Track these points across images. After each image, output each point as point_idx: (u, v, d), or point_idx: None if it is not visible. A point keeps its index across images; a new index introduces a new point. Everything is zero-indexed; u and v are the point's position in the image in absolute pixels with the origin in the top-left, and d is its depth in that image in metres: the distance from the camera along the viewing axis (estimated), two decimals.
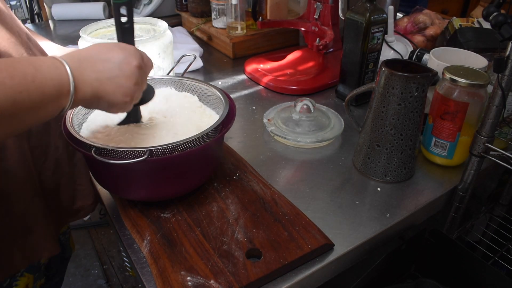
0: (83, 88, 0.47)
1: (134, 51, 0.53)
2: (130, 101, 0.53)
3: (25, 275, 0.66)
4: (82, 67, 0.47)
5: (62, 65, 0.45)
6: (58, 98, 0.45)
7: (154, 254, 0.57)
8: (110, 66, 0.49)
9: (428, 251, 0.73)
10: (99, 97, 0.49)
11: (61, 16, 1.56)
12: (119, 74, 0.50)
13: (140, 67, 0.52)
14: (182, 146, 0.58)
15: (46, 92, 0.43)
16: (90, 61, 0.48)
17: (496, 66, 0.59)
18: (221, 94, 0.70)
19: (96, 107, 0.53)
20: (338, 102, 1.02)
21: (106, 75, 0.49)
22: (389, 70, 0.67)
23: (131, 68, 0.51)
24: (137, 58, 0.52)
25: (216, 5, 1.25)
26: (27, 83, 0.41)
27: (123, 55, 0.51)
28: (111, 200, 0.69)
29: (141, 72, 0.52)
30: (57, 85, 0.44)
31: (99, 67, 0.49)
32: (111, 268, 1.74)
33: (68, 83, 0.45)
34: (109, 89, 0.49)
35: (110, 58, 0.50)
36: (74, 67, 0.46)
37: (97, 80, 0.48)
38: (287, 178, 0.75)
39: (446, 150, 0.76)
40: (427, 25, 1.16)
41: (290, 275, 0.57)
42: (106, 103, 0.51)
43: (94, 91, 0.48)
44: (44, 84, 0.43)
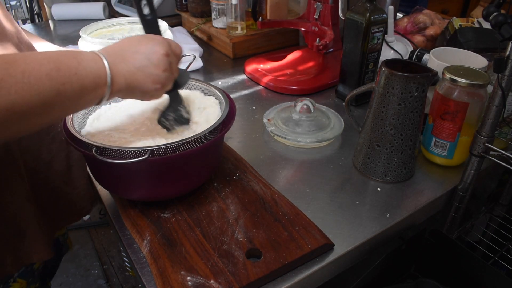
0: (118, 80, 0.51)
1: (160, 40, 0.56)
2: (161, 88, 0.56)
3: (18, 281, 0.66)
4: (117, 61, 0.51)
5: (101, 60, 0.49)
6: (96, 89, 0.49)
7: (154, 254, 0.57)
8: (139, 57, 0.53)
9: (428, 251, 0.73)
10: (132, 87, 0.53)
11: (61, 16, 1.56)
12: (147, 64, 0.53)
13: (167, 55, 0.55)
14: (182, 146, 0.58)
15: (86, 84, 0.47)
16: (122, 55, 0.52)
17: (496, 66, 0.59)
18: (221, 94, 0.70)
19: (131, 96, 0.56)
20: (338, 102, 1.02)
21: (136, 66, 0.52)
22: (389, 70, 0.67)
23: (159, 57, 0.54)
24: (164, 46, 0.55)
25: (216, 5, 1.25)
26: (70, 75, 0.45)
27: (151, 46, 0.54)
28: (111, 200, 0.69)
29: (169, 59, 0.55)
30: (96, 77, 0.48)
31: (130, 59, 0.52)
32: (111, 268, 1.74)
33: (105, 76, 0.49)
34: (140, 78, 0.53)
35: (139, 49, 0.53)
36: (110, 61, 0.50)
37: (128, 71, 0.52)
38: (287, 178, 0.75)
39: (446, 150, 0.76)
40: (427, 25, 1.16)
41: (290, 275, 0.57)
42: (139, 91, 0.55)
43: (127, 82, 0.52)
44: (84, 77, 0.47)
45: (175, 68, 0.58)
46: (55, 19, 1.57)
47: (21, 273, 0.66)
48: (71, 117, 0.62)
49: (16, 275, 0.66)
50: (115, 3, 1.51)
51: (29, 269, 0.68)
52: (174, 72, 0.58)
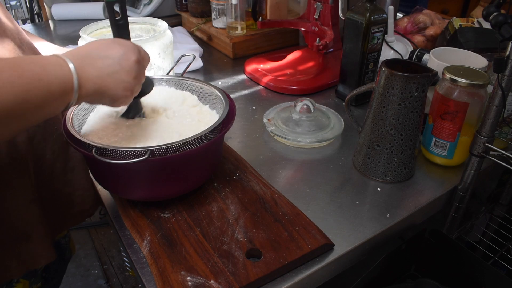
0: (86, 85, 0.48)
1: (132, 46, 0.54)
2: (131, 95, 0.55)
3: (21, 281, 0.66)
4: (84, 65, 0.49)
5: (66, 64, 0.47)
6: (63, 95, 0.46)
7: (154, 254, 0.57)
8: (110, 62, 0.51)
9: (428, 251, 0.73)
10: (101, 93, 0.51)
11: (61, 16, 1.56)
12: (119, 70, 0.51)
13: (138, 62, 0.54)
14: (182, 146, 0.58)
15: (52, 90, 0.45)
16: (90, 59, 0.50)
17: (496, 66, 0.59)
18: (221, 94, 0.70)
19: (99, 102, 0.54)
20: (338, 102, 1.02)
21: (106, 71, 0.50)
22: (389, 70, 0.67)
23: (130, 63, 0.53)
24: (135, 53, 0.54)
25: (216, 5, 1.25)
26: (34, 82, 0.43)
27: (122, 51, 0.52)
28: (111, 200, 0.69)
29: (139, 66, 0.54)
30: (62, 83, 0.46)
31: (99, 64, 0.50)
32: (111, 268, 1.74)
33: (72, 81, 0.47)
34: (110, 84, 0.51)
35: (110, 54, 0.51)
36: (77, 65, 0.47)
37: (98, 77, 0.50)
38: (287, 178, 0.75)
39: (446, 150, 0.76)
40: (427, 25, 1.16)
41: (290, 275, 0.57)
42: (108, 98, 0.53)
43: (96, 87, 0.50)
44: (50, 83, 0.44)
45: (143, 75, 0.57)
46: (55, 19, 1.57)
47: (24, 274, 0.66)
48: (71, 117, 0.62)
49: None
50: None
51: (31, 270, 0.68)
52: (142, 79, 0.57)
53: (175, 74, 0.87)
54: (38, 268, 0.69)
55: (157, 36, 0.89)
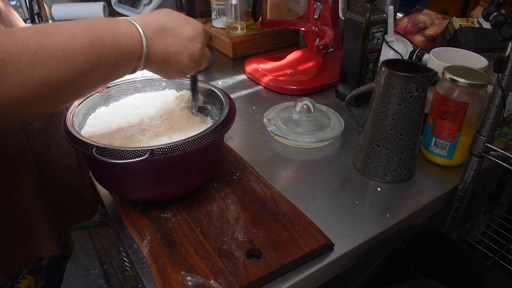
0: (152, 58, 0.51)
1: (202, 31, 0.56)
2: (184, 75, 0.58)
3: (27, 277, 0.66)
4: (155, 38, 0.50)
5: (138, 34, 0.48)
6: (131, 61, 0.48)
7: (154, 254, 0.57)
8: (178, 41, 0.52)
9: (428, 251, 0.73)
10: (163, 67, 0.54)
11: (61, 16, 1.56)
12: (183, 50, 0.53)
13: (203, 48, 0.55)
14: (182, 146, 0.58)
15: (120, 58, 0.46)
16: (162, 33, 0.51)
17: (496, 66, 0.59)
18: (221, 94, 0.70)
19: (156, 73, 0.56)
20: (338, 102, 1.02)
21: (172, 49, 0.52)
22: (389, 70, 0.67)
23: (195, 48, 0.54)
24: (202, 39, 0.55)
25: (216, 5, 1.25)
26: (105, 49, 0.44)
27: (192, 34, 0.54)
28: (111, 200, 0.69)
29: (202, 53, 0.56)
30: (131, 52, 0.48)
31: (169, 40, 0.52)
32: (111, 268, 1.74)
33: (141, 52, 0.49)
34: (171, 62, 0.53)
35: (181, 33, 0.53)
36: (148, 37, 0.49)
37: (164, 52, 0.52)
38: (287, 178, 0.75)
39: (446, 150, 0.76)
40: (427, 25, 1.16)
41: (290, 275, 0.57)
42: (164, 72, 0.56)
43: (159, 61, 0.52)
44: (120, 52, 0.46)
45: (205, 60, 0.58)
46: (55, 19, 1.57)
47: (29, 270, 0.67)
48: (71, 117, 0.62)
49: (25, 271, 0.66)
50: (115, 3, 1.51)
51: (37, 265, 0.68)
52: (202, 63, 0.58)
53: None
54: (43, 263, 0.69)
55: None
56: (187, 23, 0.55)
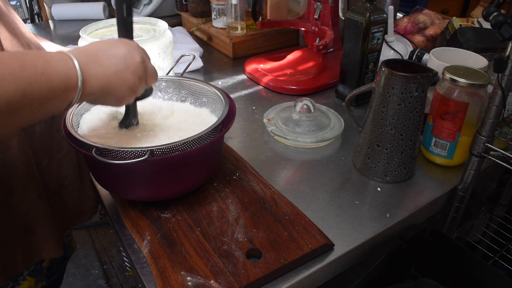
0: (90, 82, 0.47)
1: (136, 46, 0.54)
2: (134, 95, 0.54)
3: (27, 279, 0.66)
4: (89, 62, 0.48)
5: (71, 60, 0.46)
6: (66, 91, 0.45)
7: (154, 254, 0.57)
8: (116, 61, 0.50)
9: (428, 251, 0.73)
10: (106, 91, 0.50)
11: (61, 16, 1.56)
12: (124, 68, 0.51)
13: (143, 61, 0.53)
14: (182, 146, 0.58)
15: (54, 85, 0.44)
16: (96, 56, 0.49)
17: (496, 66, 0.59)
18: (221, 94, 0.70)
19: (103, 102, 0.53)
20: (338, 102, 1.02)
21: (112, 69, 0.50)
22: (389, 70, 0.67)
23: (136, 62, 0.52)
24: (140, 52, 0.53)
25: (216, 5, 1.25)
26: (37, 75, 0.42)
27: (127, 50, 0.52)
28: (111, 200, 0.69)
29: (143, 66, 0.53)
30: (65, 78, 0.45)
31: (105, 61, 0.49)
32: (111, 268, 1.74)
33: (76, 77, 0.46)
34: (115, 83, 0.50)
35: (116, 53, 0.51)
36: (82, 62, 0.47)
37: (104, 75, 0.49)
38: (287, 178, 0.75)
39: (446, 150, 0.76)
40: (427, 25, 1.16)
41: (290, 275, 0.57)
42: (113, 97, 0.52)
43: (101, 85, 0.49)
44: (53, 77, 0.44)
45: (150, 75, 0.56)
46: (55, 19, 1.57)
47: (30, 271, 0.67)
48: (71, 117, 0.62)
49: (26, 273, 0.66)
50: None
51: (38, 267, 0.68)
52: (147, 80, 0.56)
53: (175, 74, 0.87)
54: (44, 265, 0.69)
55: (157, 36, 0.89)
56: (120, 42, 0.53)
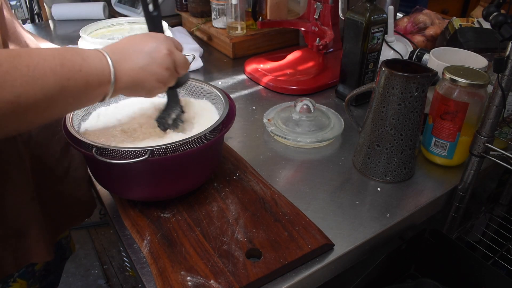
0: (121, 78, 0.51)
1: (163, 39, 0.56)
2: (164, 86, 0.58)
3: (18, 281, 0.66)
4: (120, 59, 0.51)
5: (105, 57, 0.50)
6: (100, 86, 0.49)
7: (154, 254, 0.57)
8: (143, 56, 0.53)
9: (428, 251, 0.73)
10: (136, 85, 0.54)
11: (61, 16, 1.56)
12: (151, 62, 0.54)
13: (170, 54, 0.56)
14: (182, 146, 0.58)
15: (90, 81, 0.48)
16: (126, 53, 0.53)
17: (496, 66, 0.59)
18: (221, 94, 0.70)
19: (135, 94, 0.57)
20: (338, 102, 1.02)
21: (139, 65, 0.53)
22: (389, 70, 0.67)
23: (162, 56, 0.55)
24: (166, 45, 0.56)
25: (216, 5, 1.25)
26: (74, 71, 0.46)
27: (154, 44, 0.55)
28: (111, 200, 0.69)
29: (171, 58, 0.56)
30: (100, 75, 0.49)
31: (133, 57, 0.53)
32: (111, 268, 1.74)
33: (109, 73, 0.50)
34: (144, 77, 0.54)
35: (143, 48, 0.54)
36: (114, 59, 0.50)
37: (132, 70, 0.52)
38: (287, 178, 0.75)
39: (446, 150, 0.76)
40: (427, 25, 1.16)
41: (290, 275, 0.57)
42: (143, 89, 0.55)
43: (131, 80, 0.53)
44: (89, 74, 0.47)
45: (179, 65, 0.58)
46: (55, 19, 1.57)
47: (21, 273, 0.66)
48: (71, 117, 0.62)
49: (16, 275, 0.65)
50: (115, 3, 1.51)
51: (30, 269, 0.68)
52: (177, 70, 0.58)
53: None
54: (36, 266, 0.69)
55: None
56: (148, 36, 0.56)
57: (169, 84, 0.58)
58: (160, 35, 0.57)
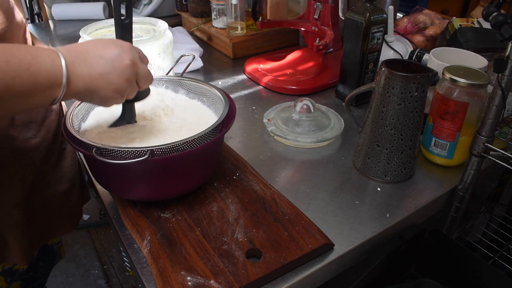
0: (75, 82, 0.48)
1: (129, 48, 0.53)
2: (121, 97, 0.54)
3: None
4: (76, 61, 0.48)
5: (58, 58, 0.46)
6: (50, 88, 0.46)
7: (154, 254, 0.57)
8: (103, 62, 0.50)
9: (428, 251, 0.73)
10: (91, 92, 0.50)
11: (61, 16, 1.56)
12: (111, 71, 0.50)
13: (133, 65, 0.52)
14: (182, 146, 0.58)
15: (39, 81, 0.44)
16: (85, 56, 0.49)
17: (496, 66, 0.59)
18: (221, 94, 0.70)
19: (89, 101, 0.54)
20: (338, 102, 1.02)
21: (98, 71, 0.49)
22: (389, 70, 0.67)
23: (123, 66, 0.51)
24: (131, 55, 0.52)
25: (216, 5, 1.25)
26: (22, 69, 0.43)
27: (118, 52, 0.51)
28: (111, 200, 0.69)
29: (133, 69, 0.52)
30: (51, 76, 0.45)
31: (93, 62, 0.49)
32: (111, 268, 1.74)
33: (61, 75, 0.46)
34: (100, 84, 0.50)
35: (104, 54, 0.50)
36: (69, 61, 0.47)
37: (89, 75, 0.49)
38: (287, 178, 0.75)
39: (446, 150, 0.76)
40: (427, 25, 1.16)
41: (290, 275, 0.57)
42: (98, 97, 0.52)
43: (86, 86, 0.49)
44: (38, 73, 0.44)
45: (141, 78, 0.54)
46: (55, 19, 1.57)
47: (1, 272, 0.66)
48: (71, 117, 0.62)
49: None
50: None
51: (6, 268, 0.67)
52: (138, 82, 0.55)
53: (175, 74, 0.87)
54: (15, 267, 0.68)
55: (157, 36, 0.89)
56: (113, 43, 0.52)
57: (127, 96, 0.55)
58: (126, 44, 0.53)
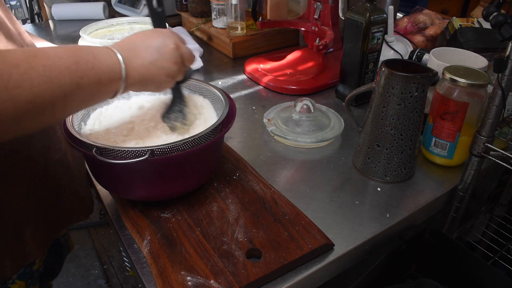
0: (132, 73, 0.53)
1: (170, 34, 0.58)
2: (173, 79, 0.59)
3: (17, 282, 0.65)
4: (130, 56, 0.53)
5: (115, 54, 0.51)
6: (111, 83, 0.51)
7: (154, 254, 0.57)
8: (151, 51, 0.55)
9: (428, 251, 0.73)
10: (146, 80, 0.55)
11: (61, 16, 1.56)
12: (159, 57, 0.55)
13: (177, 48, 0.57)
14: (182, 146, 0.58)
15: (102, 78, 0.49)
16: (135, 49, 0.54)
17: (496, 66, 0.59)
18: (221, 94, 0.70)
19: (145, 89, 0.58)
20: (338, 102, 1.02)
21: (149, 60, 0.54)
22: (389, 70, 0.67)
23: (169, 50, 0.56)
24: (173, 40, 0.57)
25: (216, 5, 1.25)
26: (87, 69, 0.47)
27: (161, 39, 0.56)
28: (111, 200, 0.69)
29: (178, 52, 0.57)
30: (111, 72, 0.50)
31: (142, 53, 0.54)
32: (111, 268, 1.74)
33: (120, 70, 0.51)
34: (153, 72, 0.55)
35: (150, 43, 0.55)
36: (124, 56, 0.52)
37: (142, 66, 0.54)
38: (287, 178, 0.75)
39: (446, 150, 0.76)
40: (427, 25, 1.16)
41: (290, 275, 0.57)
42: (152, 84, 0.57)
43: (141, 75, 0.54)
44: (101, 71, 0.49)
45: (186, 58, 0.59)
46: (55, 19, 1.57)
47: (20, 274, 0.66)
48: (71, 117, 0.62)
49: (15, 276, 0.65)
50: (115, 3, 1.51)
51: (28, 270, 0.67)
52: (185, 63, 0.59)
53: None
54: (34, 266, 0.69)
55: None
56: (154, 32, 0.57)
57: (178, 78, 0.60)
58: (165, 31, 0.58)
